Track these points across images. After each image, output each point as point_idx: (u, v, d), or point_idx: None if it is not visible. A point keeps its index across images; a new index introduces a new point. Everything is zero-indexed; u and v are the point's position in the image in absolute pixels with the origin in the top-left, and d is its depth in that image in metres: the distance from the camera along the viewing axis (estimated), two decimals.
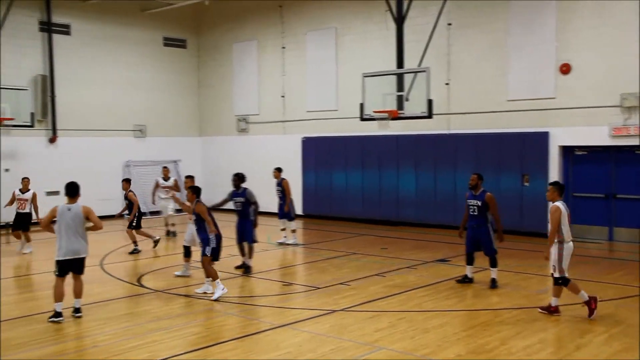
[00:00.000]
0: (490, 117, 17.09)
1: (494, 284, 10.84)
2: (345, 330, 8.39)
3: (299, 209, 21.27)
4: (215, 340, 7.80)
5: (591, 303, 8.77)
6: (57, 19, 20.44)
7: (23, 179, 15.36)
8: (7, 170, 19.39)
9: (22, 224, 15.02)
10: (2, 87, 17.99)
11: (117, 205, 21.77)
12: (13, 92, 18.17)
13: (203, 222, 10.26)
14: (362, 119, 16.18)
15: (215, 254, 10.34)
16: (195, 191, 10.51)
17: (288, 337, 8.14)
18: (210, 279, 10.23)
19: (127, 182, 15.28)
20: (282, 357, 7.35)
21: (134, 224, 14.78)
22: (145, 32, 22.78)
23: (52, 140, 20.43)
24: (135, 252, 14.47)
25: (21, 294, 10.83)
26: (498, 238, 11.05)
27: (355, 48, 19.81)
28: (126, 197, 14.96)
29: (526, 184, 16.56)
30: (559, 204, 8.89)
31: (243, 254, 12.37)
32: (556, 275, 8.88)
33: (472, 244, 11.09)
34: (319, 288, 10.90)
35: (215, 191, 23.79)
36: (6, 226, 17.14)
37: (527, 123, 16.46)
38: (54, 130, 20.42)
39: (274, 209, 15.98)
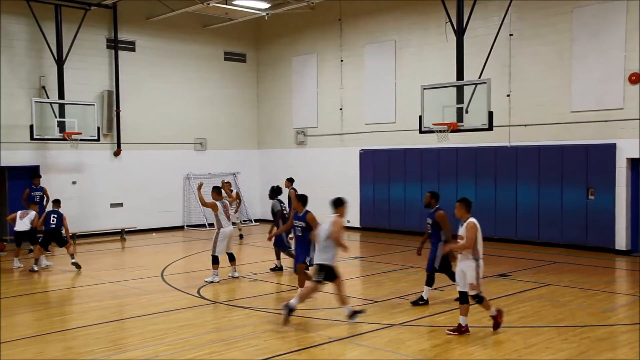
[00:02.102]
0: (553, 129, 16.67)
1: (419, 300, 10.49)
2: (404, 345, 8.29)
3: (356, 222, 21.27)
4: (273, 353, 7.83)
5: (497, 317, 8.68)
6: (122, 36, 21.15)
7: (31, 205, 15.56)
8: (74, 182, 20.11)
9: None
10: (71, 102, 18.72)
11: (177, 217, 22.31)
12: (81, 108, 18.87)
13: (309, 230, 10.41)
14: (421, 132, 16.03)
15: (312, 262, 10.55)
16: (301, 199, 10.72)
17: (346, 350, 8.10)
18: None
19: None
20: None
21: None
22: (206, 47, 23.31)
23: (117, 153, 21.09)
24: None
25: (84, 304, 11.15)
26: (450, 257, 10.43)
27: (413, 60, 19.71)
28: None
29: (591, 197, 16.04)
30: (475, 220, 8.82)
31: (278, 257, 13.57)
32: (471, 293, 8.63)
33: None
34: (376, 302, 10.82)
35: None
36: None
37: (593, 135, 15.96)
38: (119, 143, 21.08)
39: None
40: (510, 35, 17.18)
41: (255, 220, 23.72)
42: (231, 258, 12.99)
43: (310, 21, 22.58)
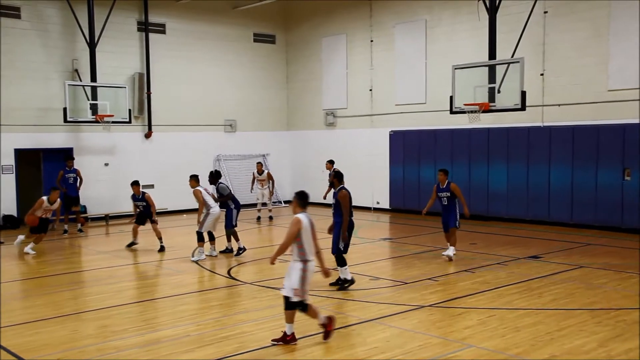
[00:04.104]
0: (588, 109, 16.30)
1: (338, 282, 10.38)
2: (434, 327, 8.26)
3: (386, 203, 21.19)
4: (303, 334, 7.86)
5: (328, 325, 7.63)
6: (153, 18, 21.24)
7: (53, 189, 14.68)
8: (106, 164, 20.39)
9: (44, 227, 14.42)
10: (103, 85, 18.92)
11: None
12: (112, 90, 19.05)
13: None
14: (452, 112, 15.85)
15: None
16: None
17: (375, 332, 8.09)
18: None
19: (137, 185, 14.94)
20: (369, 352, 7.31)
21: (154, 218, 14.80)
22: (236, 29, 23.29)
23: (148, 135, 21.28)
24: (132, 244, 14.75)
25: (117, 284, 11.33)
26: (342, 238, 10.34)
27: (445, 40, 19.42)
28: (143, 199, 14.68)
29: (627, 178, 15.69)
30: (302, 216, 7.57)
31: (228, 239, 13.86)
32: (294, 299, 7.50)
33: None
34: (406, 283, 10.78)
35: (303, 184, 24.12)
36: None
37: (630, 114, 15.56)
38: (150, 125, 21.27)
39: (363, 202, 15.98)
40: (545, 12, 16.78)
41: (285, 202, 23.79)
42: (211, 237, 13.46)
43: (339, 2, 22.37)
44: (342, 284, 10.33)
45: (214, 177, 14.11)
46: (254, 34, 23.83)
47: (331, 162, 16.92)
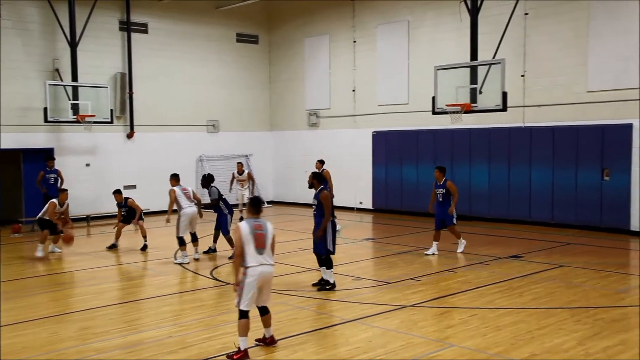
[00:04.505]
0: (568, 109, 16.49)
1: (320, 282, 10.41)
2: (416, 326, 8.31)
3: (368, 203, 21.27)
4: (285, 334, 7.88)
5: (236, 354, 7.07)
6: (135, 18, 21.12)
7: (62, 191, 14.40)
8: (88, 165, 20.23)
9: (54, 230, 14.07)
10: (84, 85, 18.77)
11: None
12: (94, 90, 18.92)
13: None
14: (434, 113, 15.96)
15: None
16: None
17: (358, 332, 8.13)
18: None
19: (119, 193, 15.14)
20: (352, 352, 7.34)
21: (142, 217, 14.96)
22: (219, 29, 23.23)
23: (130, 135, 21.16)
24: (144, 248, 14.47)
25: (99, 285, 11.26)
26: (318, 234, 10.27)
27: (427, 40, 19.52)
28: (126, 205, 14.84)
29: (606, 178, 15.89)
30: (242, 223, 7.28)
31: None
32: (239, 307, 7.16)
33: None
34: (388, 283, 10.84)
35: (286, 185, 24.14)
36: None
37: (609, 115, 15.77)
38: (132, 126, 21.15)
39: (346, 202, 16.05)
40: (526, 14, 16.94)
41: (268, 202, 23.77)
42: (194, 239, 13.33)
43: (322, 2, 22.41)
44: (324, 285, 10.34)
45: (207, 180, 13.84)
46: (236, 34, 23.79)
47: (321, 162, 16.79)
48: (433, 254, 13.19)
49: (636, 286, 10.74)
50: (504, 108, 14.81)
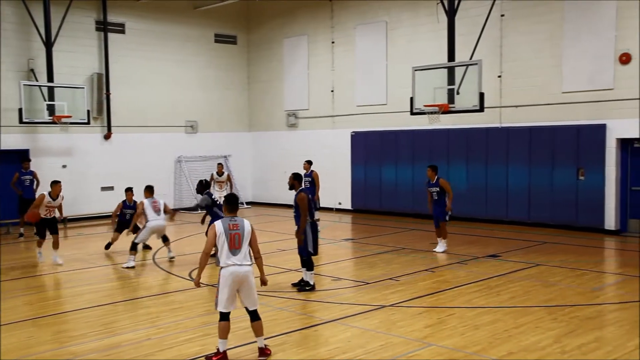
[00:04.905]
0: (544, 110, 16.68)
1: (305, 285, 10.35)
2: (395, 326, 8.35)
3: (347, 204, 21.31)
4: (265, 335, 7.84)
5: (215, 356, 7.03)
6: (112, 18, 20.93)
7: (54, 183, 13.45)
8: (64, 166, 20.00)
9: (52, 227, 13.25)
10: (60, 85, 18.56)
11: (168, 200, 22.24)
12: (70, 91, 18.72)
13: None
14: (412, 113, 16.03)
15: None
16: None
17: (337, 332, 8.14)
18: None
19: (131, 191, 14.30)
20: (331, 352, 7.35)
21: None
22: (197, 29, 23.12)
23: (107, 136, 20.97)
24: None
25: (75, 288, 11.14)
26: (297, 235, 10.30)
27: (405, 41, 19.62)
28: (134, 207, 13.81)
29: (581, 177, 16.10)
30: (218, 222, 7.19)
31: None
32: (216, 309, 7.13)
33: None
34: (368, 283, 10.87)
35: (265, 185, 24.10)
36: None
37: (583, 115, 15.99)
38: (109, 126, 20.95)
39: (325, 202, 16.08)
40: (502, 15, 17.11)
41: (247, 203, 23.71)
42: (165, 239, 13.41)
43: (300, 2, 22.41)
44: (303, 287, 10.33)
45: (203, 186, 13.24)
46: (215, 35, 23.69)
47: (309, 163, 16.73)
48: (443, 251, 13.51)
49: (610, 284, 10.91)
50: (481, 108, 14.94)
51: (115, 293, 10.95)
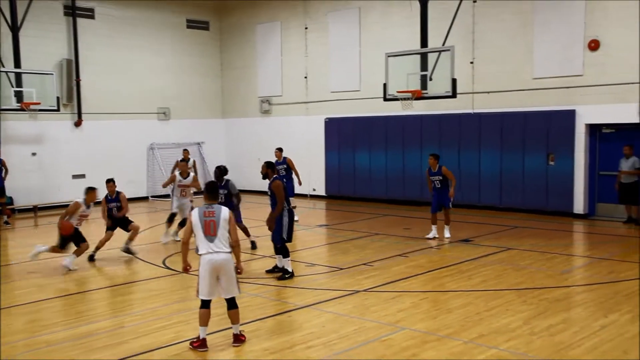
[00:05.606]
0: (515, 96, 16.87)
1: (274, 269, 10.51)
2: (368, 311, 8.43)
3: (321, 190, 21.37)
4: (240, 321, 7.87)
5: (195, 342, 7.10)
6: (81, 2, 20.56)
7: (90, 190, 11.89)
8: (34, 154, 19.70)
9: (79, 239, 11.60)
10: (28, 71, 18.21)
11: (141, 187, 22.10)
12: (39, 77, 18.38)
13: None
14: (386, 99, 16.08)
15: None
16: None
17: (311, 317, 8.20)
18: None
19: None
20: (305, 337, 7.41)
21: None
22: (169, 15, 22.83)
23: (78, 124, 20.68)
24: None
25: (40, 278, 11.03)
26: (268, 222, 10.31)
27: (378, 28, 19.63)
28: (117, 199, 12.45)
29: (551, 163, 16.36)
30: (195, 210, 7.25)
31: None
32: (198, 296, 7.18)
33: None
34: (341, 269, 10.95)
35: (240, 172, 24.01)
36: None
37: (554, 101, 16.21)
38: (79, 114, 20.65)
39: (299, 189, 16.09)
40: (474, 1, 17.21)
41: None
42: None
43: None
44: (283, 275, 10.33)
45: (222, 172, 12.31)
46: (187, 20, 23.43)
47: (280, 150, 16.45)
48: (434, 237, 13.44)
49: (578, 266, 11.15)
50: (454, 94, 15.05)
51: (89, 281, 10.86)
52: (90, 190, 11.71)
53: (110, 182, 12.44)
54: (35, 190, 19.50)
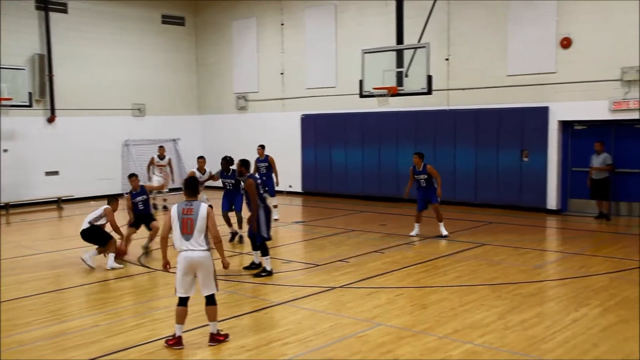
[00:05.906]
0: (489, 93, 17.03)
1: (252, 266, 10.61)
2: (344, 307, 8.47)
3: (298, 187, 21.36)
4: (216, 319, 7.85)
5: (171, 340, 7.07)
6: None
7: (131, 175, 12.15)
8: (5, 150, 19.39)
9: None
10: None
11: (115, 184, 21.86)
12: (10, 72, 18.09)
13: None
14: (362, 96, 16.11)
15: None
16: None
17: (287, 314, 8.21)
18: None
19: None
20: (281, 334, 7.42)
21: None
22: (143, 10, 22.61)
23: (51, 120, 20.40)
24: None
25: (20, 276, 10.89)
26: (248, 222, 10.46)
27: (354, 24, 19.66)
28: (143, 192, 12.21)
29: (525, 159, 16.55)
30: (174, 206, 7.23)
31: (230, 224, 12.99)
32: (175, 294, 7.19)
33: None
34: (318, 265, 10.97)
35: (214, 169, 23.84)
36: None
37: (527, 98, 16.40)
38: (52, 109, 20.38)
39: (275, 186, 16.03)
40: None
41: None
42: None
43: None
44: (260, 272, 10.30)
45: (229, 163, 12.68)
46: (162, 16, 23.23)
47: (262, 147, 16.24)
48: (417, 234, 13.37)
49: (551, 261, 11.31)
50: (429, 91, 15.12)
51: (61, 280, 10.73)
52: (115, 200, 11.46)
53: (133, 176, 12.20)
54: (7, 188, 19.19)
